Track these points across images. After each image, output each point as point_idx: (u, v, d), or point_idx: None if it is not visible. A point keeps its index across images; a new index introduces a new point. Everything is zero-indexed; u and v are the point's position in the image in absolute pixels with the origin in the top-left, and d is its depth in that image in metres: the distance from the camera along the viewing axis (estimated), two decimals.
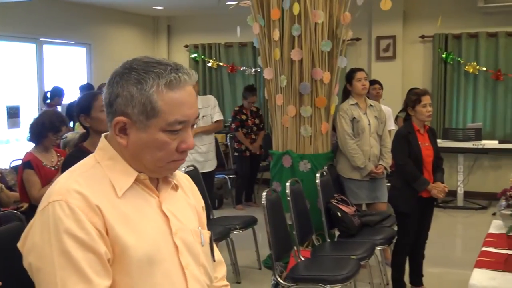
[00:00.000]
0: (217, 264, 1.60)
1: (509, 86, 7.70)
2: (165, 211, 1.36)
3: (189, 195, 1.51)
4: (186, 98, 1.31)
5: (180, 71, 1.31)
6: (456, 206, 7.51)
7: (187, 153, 1.36)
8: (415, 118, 4.07)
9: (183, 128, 1.31)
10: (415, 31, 8.16)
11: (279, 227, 3.70)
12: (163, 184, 1.41)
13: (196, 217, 1.50)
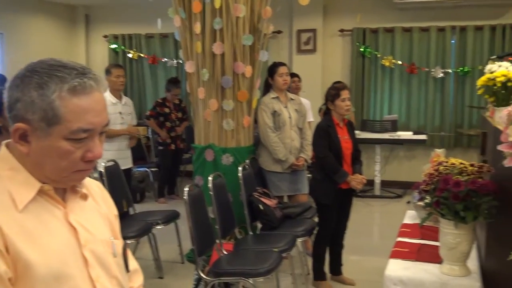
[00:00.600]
0: (132, 273, 1.55)
1: (423, 79, 8.03)
2: (72, 222, 1.29)
3: (100, 204, 1.43)
4: (91, 105, 1.22)
5: (86, 76, 1.22)
6: (374, 195, 7.79)
7: (95, 163, 1.29)
8: (334, 112, 4.17)
9: (89, 137, 1.24)
10: (334, 25, 8.34)
11: (202, 221, 3.69)
12: (71, 194, 1.33)
13: (108, 226, 1.42)
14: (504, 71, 2.73)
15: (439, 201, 2.17)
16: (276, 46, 8.50)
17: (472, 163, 2.24)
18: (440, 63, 7.90)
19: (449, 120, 8.01)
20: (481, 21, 7.69)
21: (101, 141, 1.28)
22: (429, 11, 7.89)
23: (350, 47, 8.30)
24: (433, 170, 2.26)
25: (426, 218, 2.36)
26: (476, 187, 2.10)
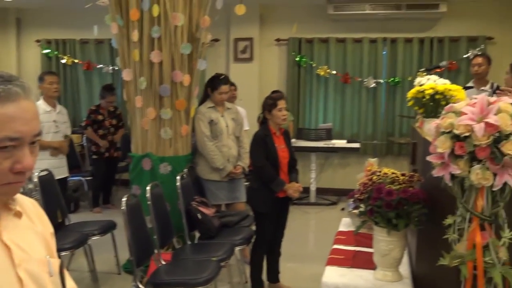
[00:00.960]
0: None
1: (356, 89, 8.27)
2: (6, 241, 1.22)
3: (35, 222, 1.37)
4: (18, 113, 1.16)
5: (12, 83, 1.16)
6: (309, 202, 7.94)
7: (27, 175, 1.22)
8: (271, 121, 4.23)
9: (18, 146, 1.17)
10: (271, 34, 8.47)
11: (139, 231, 3.66)
12: (3, 211, 1.26)
13: (44, 245, 1.36)
14: (432, 84, 2.86)
15: (373, 210, 2.26)
16: (213, 54, 8.54)
17: (404, 173, 2.35)
18: (373, 74, 8.17)
19: (381, 128, 8.28)
20: (410, 33, 8.02)
21: (33, 152, 1.22)
22: (362, 23, 8.15)
23: (286, 56, 8.45)
24: (367, 179, 2.35)
25: (360, 226, 2.44)
26: (407, 195, 2.19)
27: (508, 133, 1.78)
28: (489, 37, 7.83)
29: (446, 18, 7.85)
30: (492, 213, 1.89)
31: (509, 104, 1.83)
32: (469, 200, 1.91)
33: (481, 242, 1.90)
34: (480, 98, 1.84)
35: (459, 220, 1.96)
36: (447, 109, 1.94)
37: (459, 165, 1.85)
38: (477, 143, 1.79)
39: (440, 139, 1.89)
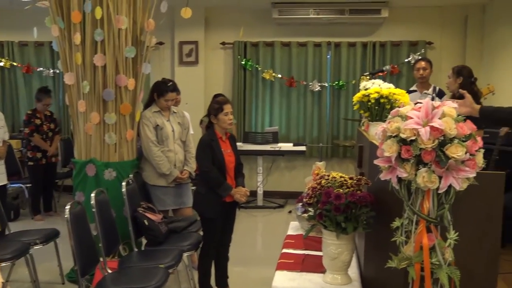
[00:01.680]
0: None
1: (301, 92, 8.35)
2: None
3: None
4: None
5: None
6: (257, 205, 7.94)
7: None
8: (217, 125, 4.21)
9: None
10: (216, 37, 8.44)
11: (84, 239, 3.56)
12: None
13: None
14: (377, 88, 2.91)
15: (322, 214, 2.27)
16: (157, 57, 8.44)
17: (352, 176, 2.37)
18: (317, 77, 8.26)
19: (326, 131, 8.38)
20: (354, 38, 8.16)
21: None
22: (306, 27, 8.23)
23: (232, 60, 8.43)
24: (316, 183, 2.36)
25: (309, 230, 2.45)
26: (356, 199, 2.22)
27: (452, 136, 1.82)
28: (429, 42, 8.06)
29: (388, 23, 8.04)
30: (438, 215, 1.93)
31: (453, 108, 1.88)
32: (415, 203, 1.95)
33: (427, 244, 1.93)
34: (425, 102, 1.88)
35: (406, 222, 2.00)
36: (393, 113, 1.97)
37: (406, 169, 1.88)
38: (423, 146, 1.83)
39: (387, 143, 1.91)
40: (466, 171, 1.85)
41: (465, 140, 1.84)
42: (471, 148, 1.84)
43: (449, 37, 8.10)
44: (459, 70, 5.08)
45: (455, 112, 1.86)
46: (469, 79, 5.02)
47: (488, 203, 2.17)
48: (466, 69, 5.13)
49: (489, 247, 2.22)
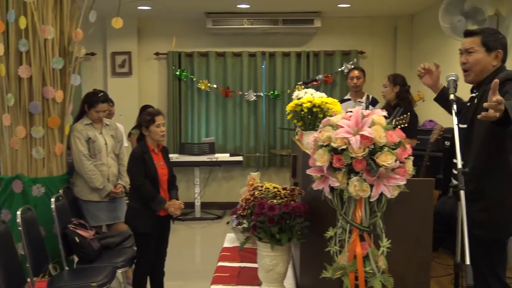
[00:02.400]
0: None
1: (237, 102, 8.34)
2: None
3: None
4: None
5: None
6: (195, 217, 7.85)
7: None
8: (149, 137, 4.11)
9: None
10: (150, 48, 8.32)
11: (9, 260, 3.37)
12: None
13: None
14: (310, 98, 2.91)
15: (256, 225, 2.23)
16: (89, 68, 8.23)
17: (285, 187, 2.35)
18: (253, 87, 8.28)
19: (263, 141, 8.39)
20: (288, 47, 8.24)
21: None
22: (241, 37, 8.24)
23: (166, 70, 8.33)
24: (249, 195, 2.32)
25: (244, 243, 2.40)
26: (289, 209, 2.19)
27: (382, 144, 1.83)
28: (361, 51, 8.24)
29: (321, 33, 8.17)
30: (370, 223, 1.93)
31: (382, 116, 1.88)
32: (348, 212, 1.94)
33: (361, 252, 1.93)
34: (355, 111, 1.88)
35: (340, 231, 1.99)
36: (324, 122, 1.96)
37: (338, 178, 1.87)
38: (354, 155, 1.82)
39: (318, 153, 1.90)
40: (396, 178, 1.86)
41: (395, 148, 1.85)
42: (401, 156, 1.85)
43: (380, 46, 8.31)
44: (394, 79, 5.18)
45: (384, 120, 1.87)
46: (404, 87, 5.14)
47: (419, 209, 2.20)
48: (400, 77, 5.24)
49: (421, 253, 2.24)
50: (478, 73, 2.93)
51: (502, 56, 2.92)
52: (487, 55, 2.90)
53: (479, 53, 2.91)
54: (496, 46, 2.90)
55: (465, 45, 2.96)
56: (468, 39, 2.96)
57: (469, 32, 2.99)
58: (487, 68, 2.91)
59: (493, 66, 2.90)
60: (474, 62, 2.91)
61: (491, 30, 3.04)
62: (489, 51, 2.89)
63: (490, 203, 2.81)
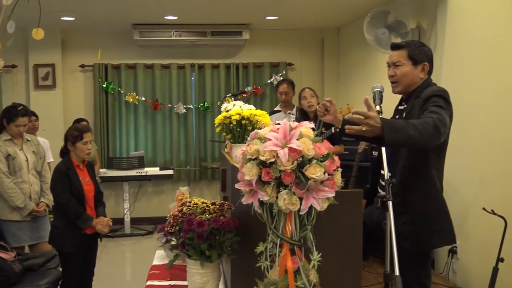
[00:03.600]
0: None
1: (167, 115, 8.21)
2: None
3: None
4: None
5: None
6: (124, 234, 7.63)
7: None
8: (74, 153, 3.96)
9: None
10: (75, 60, 8.06)
11: None
12: None
13: None
14: (238, 110, 2.88)
15: (185, 242, 2.16)
16: (10, 81, 7.87)
17: (214, 202, 2.29)
18: (182, 99, 8.18)
19: (193, 154, 8.30)
20: (217, 59, 8.21)
21: None
22: (169, 49, 8.14)
23: (93, 83, 8.09)
24: (177, 211, 2.25)
25: (173, 260, 2.33)
26: (219, 225, 2.13)
27: (311, 157, 1.81)
28: (289, 63, 8.33)
29: (249, 45, 8.19)
30: (301, 237, 1.90)
31: (310, 128, 1.87)
32: (278, 226, 1.91)
33: (292, 267, 1.90)
34: (283, 123, 1.85)
35: (271, 246, 1.95)
36: (252, 135, 1.93)
37: (267, 192, 1.84)
38: (283, 168, 1.79)
39: (247, 166, 1.86)
40: (325, 191, 1.84)
41: (323, 160, 1.84)
42: (329, 168, 1.84)
43: (308, 58, 8.43)
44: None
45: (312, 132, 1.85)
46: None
47: (348, 221, 2.20)
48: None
49: (352, 264, 2.25)
50: (406, 85, 2.98)
51: (428, 69, 2.98)
52: (414, 68, 2.95)
53: (406, 66, 2.96)
54: (422, 59, 2.95)
55: (392, 58, 3.01)
56: (395, 52, 3.02)
57: (396, 46, 3.04)
58: (414, 81, 2.96)
59: (420, 79, 2.96)
60: (402, 75, 2.97)
61: (417, 43, 3.10)
62: (415, 64, 2.95)
63: (415, 217, 2.87)
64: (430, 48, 3.07)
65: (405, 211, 2.85)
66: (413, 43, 3.05)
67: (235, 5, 6.42)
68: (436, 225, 2.88)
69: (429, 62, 2.98)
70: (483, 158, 4.34)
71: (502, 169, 4.07)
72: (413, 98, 2.93)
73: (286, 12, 6.88)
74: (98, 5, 6.23)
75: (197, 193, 8.34)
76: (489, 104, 4.25)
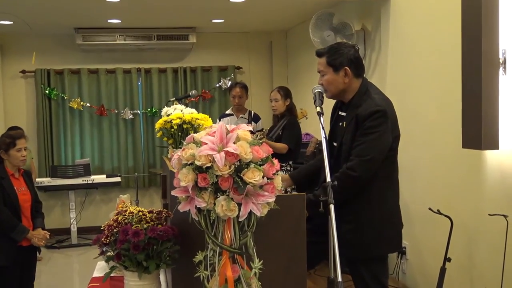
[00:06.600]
0: None
1: (113, 121, 8.01)
2: None
3: None
4: None
5: None
6: (71, 244, 7.38)
7: None
8: (8, 162, 3.78)
9: None
10: (14, 65, 7.76)
11: None
12: None
13: None
14: (179, 114, 2.79)
15: (120, 253, 2.05)
16: None
17: (151, 210, 2.19)
18: (129, 105, 8.00)
19: (141, 160, 8.13)
20: (164, 64, 8.07)
21: None
22: (114, 53, 7.95)
23: (34, 89, 7.81)
24: (112, 220, 2.14)
25: (109, 273, 2.21)
26: (156, 234, 2.04)
27: (248, 161, 1.74)
28: (238, 67, 8.26)
29: (197, 48, 8.08)
30: (241, 244, 1.83)
31: (248, 131, 1.80)
32: (218, 234, 1.83)
33: (232, 275, 1.82)
34: (219, 126, 1.77)
35: (211, 254, 1.87)
36: (188, 139, 1.85)
37: (204, 198, 1.76)
38: (219, 173, 1.72)
39: (182, 172, 1.77)
40: (265, 196, 1.78)
41: (262, 163, 1.77)
42: (269, 172, 1.78)
43: (257, 61, 8.39)
44: (286, 93, 5.21)
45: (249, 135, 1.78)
46: (291, 99, 5.23)
47: (292, 226, 2.14)
48: (288, 90, 5.33)
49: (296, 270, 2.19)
50: (335, 92, 2.91)
51: (351, 72, 2.86)
52: (336, 75, 2.86)
53: (327, 74, 2.88)
54: (341, 64, 2.84)
55: (318, 67, 2.93)
56: (319, 60, 2.93)
57: (318, 53, 2.95)
58: (339, 87, 2.88)
59: (345, 84, 2.86)
60: (327, 84, 2.89)
61: (335, 47, 2.93)
62: (336, 70, 2.85)
63: (359, 225, 2.83)
64: (355, 47, 2.96)
65: (351, 220, 2.81)
66: (333, 48, 2.91)
67: (179, 8, 6.30)
68: (380, 233, 2.84)
69: (351, 64, 2.85)
70: (427, 158, 4.37)
71: (446, 169, 4.11)
72: (353, 107, 2.86)
73: (232, 15, 6.81)
74: (38, 8, 6.00)
75: (147, 200, 8.18)
76: (433, 105, 4.29)
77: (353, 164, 2.74)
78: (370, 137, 2.73)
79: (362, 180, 2.75)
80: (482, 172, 3.64)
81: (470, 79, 3.08)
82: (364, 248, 2.83)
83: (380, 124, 2.74)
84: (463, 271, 3.89)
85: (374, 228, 2.82)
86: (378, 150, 2.75)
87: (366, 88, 2.88)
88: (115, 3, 5.69)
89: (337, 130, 2.99)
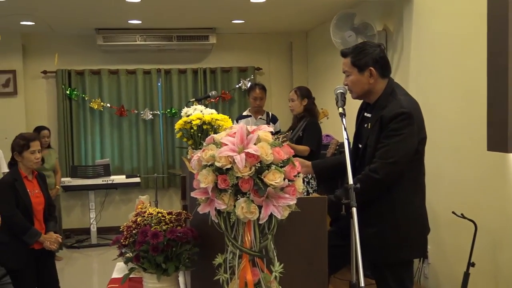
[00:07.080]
0: None
1: (133, 122, 8.03)
2: None
3: None
4: None
5: None
6: (91, 244, 7.41)
7: None
8: (21, 164, 3.77)
9: None
10: (36, 66, 7.82)
11: None
12: None
13: None
14: (199, 114, 2.77)
15: (139, 255, 2.03)
16: None
17: (171, 211, 2.16)
18: (149, 105, 8.01)
19: (161, 161, 8.13)
20: (184, 64, 8.07)
21: None
22: (134, 54, 7.97)
23: (56, 89, 7.86)
24: (131, 221, 2.12)
25: (128, 275, 2.19)
26: (176, 236, 2.01)
27: (269, 162, 1.70)
28: (257, 68, 8.23)
29: (217, 49, 8.06)
30: (261, 247, 1.79)
31: (268, 132, 1.76)
32: (238, 236, 1.79)
33: (252, 279, 1.79)
34: (239, 127, 1.74)
35: (231, 257, 1.84)
36: (208, 140, 1.81)
37: (224, 200, 1.73)
38: (240, 175, 1.68)
39: (202, 173, 1.74)
40: (286, 198, 1.74)
41: (283, 165, 1.73)
42: (290, 174, 1.74)
43: (277, 62, 8.35)
44: (302, 92, 5.09)
45: (270, 136, 1.74)
46: (310, 99, 5.11)
47: (312, 229, 2.10)
48: (306, 89, 5.18)
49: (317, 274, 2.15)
50: (360, 93, 2.86)
51: (377, 72, 2.79)
52: (361, 75, 2.80)
53: (353, 75, 2.83)
54: (366, 64, 2.78)
55: (343, 67, 2.88)
56: (344, 60, 2.88)
57: (342, 53, 2.90)
58: (364, 88, 2.82)
59: (370, 84, 2.80)
60: (352, 84, 2.84)
61: (360, 47, 2.87)
62: (361, 71, 2.80)
63: (384, 228, 2.76)
64: (381, 46, 2.89)
65: (375, 223, 2.74)
66: (357, 48, 2.85)
67: (200, 9, 6.29)
68: (405, 237, 2.77)
69: (376, 64, 2.79)
70: (452, 161, 4.30)
71: (471, 172, 4.03)
72: (378, 109, 2.79)
73: (253, 16, 6.79)
74: (59, 9, 6.04)
75: (166, 201, 8.18)
76: (457, 106, 4.21)
77: (375, 167, 2.68)
78: (394, 139, 2.67)
79: (384, 183, 2.70)
80: (508, 175, 3.56)
81: (496, 79, 3.01)
82: (389, 252, 2.76)
83: (405, 127, 2.68)
84: (488, 276, 3.80)
85: (399, 231, 2.75)
86: (402, 153, 2.68)
87: (392, 89, 2.82)
88: (136, 4, 5.70)
89: (362, 131, 2.93)
